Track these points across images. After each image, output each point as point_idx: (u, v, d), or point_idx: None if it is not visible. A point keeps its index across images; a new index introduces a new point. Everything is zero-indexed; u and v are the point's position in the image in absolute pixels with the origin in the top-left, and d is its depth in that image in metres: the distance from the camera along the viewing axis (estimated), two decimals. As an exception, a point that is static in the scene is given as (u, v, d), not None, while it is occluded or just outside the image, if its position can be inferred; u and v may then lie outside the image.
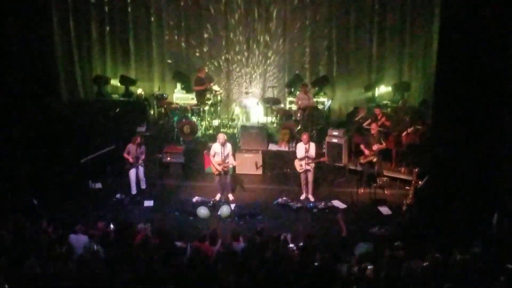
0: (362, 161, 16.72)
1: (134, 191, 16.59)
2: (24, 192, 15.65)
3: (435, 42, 17.79)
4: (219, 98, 20.63)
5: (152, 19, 21.42)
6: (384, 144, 16.61)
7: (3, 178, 15.93)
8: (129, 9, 21.29)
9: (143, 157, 16.59)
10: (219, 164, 16.01)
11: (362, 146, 16.84)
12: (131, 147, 16.39)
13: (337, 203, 16.15)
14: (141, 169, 16.62)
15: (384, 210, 15.74)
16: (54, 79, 20.37)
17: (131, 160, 16.34)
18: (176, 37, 21.63)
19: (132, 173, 16.47)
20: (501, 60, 13.62)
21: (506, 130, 13.90)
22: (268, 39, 21.28)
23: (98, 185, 16.97)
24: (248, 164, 18.00)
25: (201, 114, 20.08)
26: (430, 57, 19.08)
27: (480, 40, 13.58)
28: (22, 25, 18.04)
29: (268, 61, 21.50)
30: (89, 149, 17.37)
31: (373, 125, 16.89)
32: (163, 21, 21.46)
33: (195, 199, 16.36)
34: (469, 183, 14.15)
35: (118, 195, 16.49)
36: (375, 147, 16.51)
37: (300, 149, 16.13)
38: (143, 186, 16.80)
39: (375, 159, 16.52)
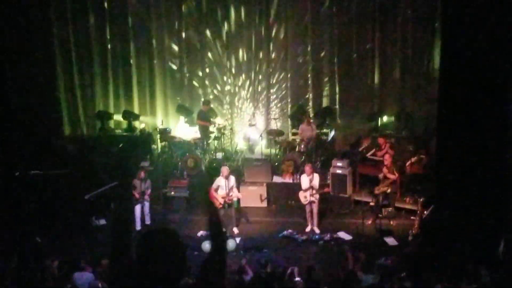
0: (376, 192, 16.60)
1: (138, 226, 16.45)
2: (27, 229, 15.58)
3: (437, 70, 17.80)
4: (222, 131, 20.67)
5: (155, 53, 21.58)
6: (396, 175, 16.52)
7: (7, 216, 15.88)
8: (131, 44, 21.43)
9: (148, 191, 16.57)
10: (223, 198, 15.97)
11: (382, 175, 16.70)
12: (136, 182, 16.38)
13: (342, 234, 16.06)
14: (146, 204, 16.57)
15: (390, 240, 15.63)
16: (57, 116, 20.46)
17: (137, 195, 16.31)
18: (179, 71, 21.75)
19: (137, 208, 16.41)
20: (504, 88, 13.61)
21: (510, 158, 13.85)
22: (270, 71, 21.40)
23: (102, 222, 16.92)
24: (253, 196, 17.96)
25: (205, 147, 20.11)
26: (433, 85, 19.07)
27: (482, 68, 13.57)
28: (26, 61, 18.17)
29: (271, 93, 21.60)
30: (93, 185, 17.36)
31: (386, 156, 16.87)
32: (165, 55, 21.62)
33: (200, 233, 16.27)
34: (474, 212, 14.07)
35: (122, 231, 16.34)
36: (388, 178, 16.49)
37: (304, 180, 16.12)
38: (148, 221, 16.69)
39: (389, 190, 16.44)
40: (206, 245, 15.41)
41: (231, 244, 15.51)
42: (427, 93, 19.89)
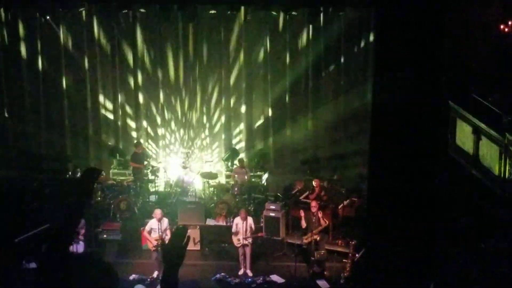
0: (305, 241, 16.64)
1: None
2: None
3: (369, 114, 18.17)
4: (156, 173, 20.57)
5: (88, 94, 21.42)
6: (327, 222, 16.62)
7: None
8: (64, 86, 21.24)
9: (82, 231, 16.29)
10: (156, 240, 15.87)
11: (304, 223, 16.73)
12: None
13: (275, 277, 16.09)
14: (81, 244, 16.21)
15: (322, 283, 15.72)
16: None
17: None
18: (112, 113, 21.63)
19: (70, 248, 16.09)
20: (431, 138, 13.91)
21: (440, 204, 14.13)
22: (205, 113, 21.48)
23: (33, 265, 16.59)
24: (186, 239, 17.82)
25: (138, 190, 19.97)
26: (365, 130, 19.44)
27: (412, 115, 13.85)
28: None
29: (205, 136, 21.65)
30: (23, 227, 17.06)
31: (313, 203, 16.87)
32: (98, 96, 21.46)
33: (132, 276, 16.07)
34: (405, 255, 14.27)
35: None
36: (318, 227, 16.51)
37: (238, 223, 16.15)
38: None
39: (318, 238, 16.50)
40: (139, 288, 15.30)
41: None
42: (359, 139, 20.26)
